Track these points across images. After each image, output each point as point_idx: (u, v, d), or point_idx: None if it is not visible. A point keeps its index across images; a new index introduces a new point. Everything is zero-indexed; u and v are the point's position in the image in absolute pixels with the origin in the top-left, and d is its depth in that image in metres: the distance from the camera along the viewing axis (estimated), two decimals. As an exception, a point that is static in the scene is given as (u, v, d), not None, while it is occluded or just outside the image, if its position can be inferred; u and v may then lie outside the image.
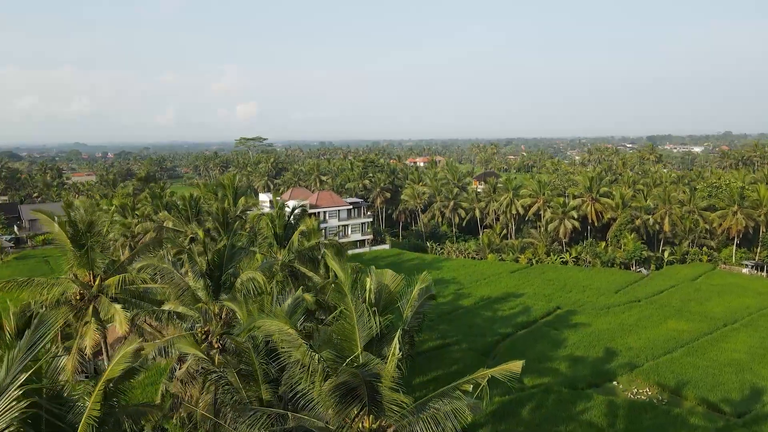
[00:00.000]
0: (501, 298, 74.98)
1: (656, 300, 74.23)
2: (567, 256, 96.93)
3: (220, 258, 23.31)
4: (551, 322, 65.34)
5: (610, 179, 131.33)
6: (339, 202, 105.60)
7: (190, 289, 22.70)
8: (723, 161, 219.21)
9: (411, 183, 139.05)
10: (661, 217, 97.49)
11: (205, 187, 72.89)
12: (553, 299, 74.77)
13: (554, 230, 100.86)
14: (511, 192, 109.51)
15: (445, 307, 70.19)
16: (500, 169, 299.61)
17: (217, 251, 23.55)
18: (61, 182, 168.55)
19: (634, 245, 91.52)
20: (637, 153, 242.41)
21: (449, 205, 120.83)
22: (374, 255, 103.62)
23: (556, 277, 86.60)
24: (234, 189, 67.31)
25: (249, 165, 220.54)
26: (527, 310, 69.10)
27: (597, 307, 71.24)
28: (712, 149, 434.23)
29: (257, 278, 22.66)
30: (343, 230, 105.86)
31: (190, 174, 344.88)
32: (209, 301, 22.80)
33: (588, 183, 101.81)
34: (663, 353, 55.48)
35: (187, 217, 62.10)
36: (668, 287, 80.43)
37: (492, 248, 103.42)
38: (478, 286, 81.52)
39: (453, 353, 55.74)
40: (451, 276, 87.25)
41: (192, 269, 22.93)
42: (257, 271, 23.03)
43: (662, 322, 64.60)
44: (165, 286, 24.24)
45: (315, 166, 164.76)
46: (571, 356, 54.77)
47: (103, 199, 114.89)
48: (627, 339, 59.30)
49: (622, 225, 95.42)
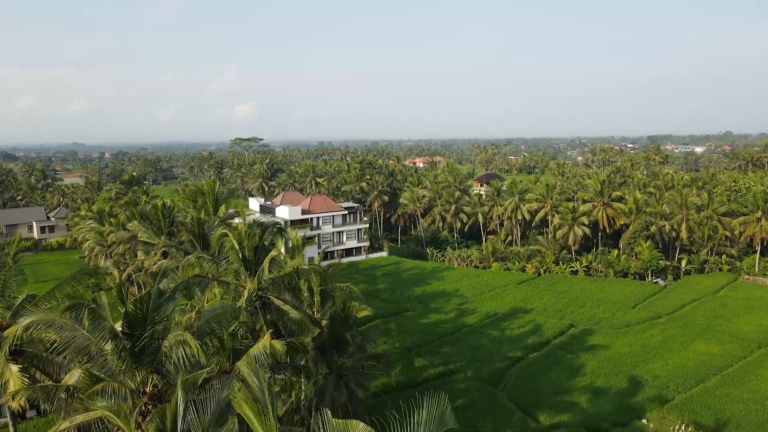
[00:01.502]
0: (508, 314, 68.48)
1: (679, 317, 67.74)
2: (577, 266, 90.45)
3: (142, 310, 16.98)
4: (565, 343, 58.85)
5: (618, 182, 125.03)
6: (333, 207, 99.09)
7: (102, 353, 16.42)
8: (731, 162, 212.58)
9: (410, 186, 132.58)
10: (677, 224, 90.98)
11: (184, 194, 66.37)
12: (565, 315, 68.33)
13: (563, 237, 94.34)
14: (517, 196, 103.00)
15: (447, 326, 63.73)
16: (501, 170, 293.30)
17: (139, 300, 17.22)
18: (46, 184, 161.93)
19: (649, 254, 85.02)
20: (643, 153, 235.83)
21: (450, 209, 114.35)
22: (371, 263, 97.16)
23: (567, 290, 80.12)
24: (214, 195, 60.81)
25: (244, 166, 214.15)
26: (538, 329, 62.64)
27: (614, 325, 64.76)
28: (714, 149, 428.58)
29: (189, 344, 16.28)
30: (338, 237, 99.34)
31: (186, 175, 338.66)
32: (125, 372, 16.51)
33: (599, 186, 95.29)
34: (695, 383, 49.05)
35: (159, 227, 55.61)
36: (690, 301, 73.95)
37: (497, 256, 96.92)
38: (482, 300, 75.06)
39: (457, 383, 49.30)
40: (454, 288, 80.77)
41: (97, 328, 16.58)
42: (188, 334, 16.63)
43: (689, 344, 58.13)
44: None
45: (310, 168, 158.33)
46: (591, 387, 48.31)
47: (85, 204, 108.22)
48: (652, 365, 52.83)
49: (637, 232, 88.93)
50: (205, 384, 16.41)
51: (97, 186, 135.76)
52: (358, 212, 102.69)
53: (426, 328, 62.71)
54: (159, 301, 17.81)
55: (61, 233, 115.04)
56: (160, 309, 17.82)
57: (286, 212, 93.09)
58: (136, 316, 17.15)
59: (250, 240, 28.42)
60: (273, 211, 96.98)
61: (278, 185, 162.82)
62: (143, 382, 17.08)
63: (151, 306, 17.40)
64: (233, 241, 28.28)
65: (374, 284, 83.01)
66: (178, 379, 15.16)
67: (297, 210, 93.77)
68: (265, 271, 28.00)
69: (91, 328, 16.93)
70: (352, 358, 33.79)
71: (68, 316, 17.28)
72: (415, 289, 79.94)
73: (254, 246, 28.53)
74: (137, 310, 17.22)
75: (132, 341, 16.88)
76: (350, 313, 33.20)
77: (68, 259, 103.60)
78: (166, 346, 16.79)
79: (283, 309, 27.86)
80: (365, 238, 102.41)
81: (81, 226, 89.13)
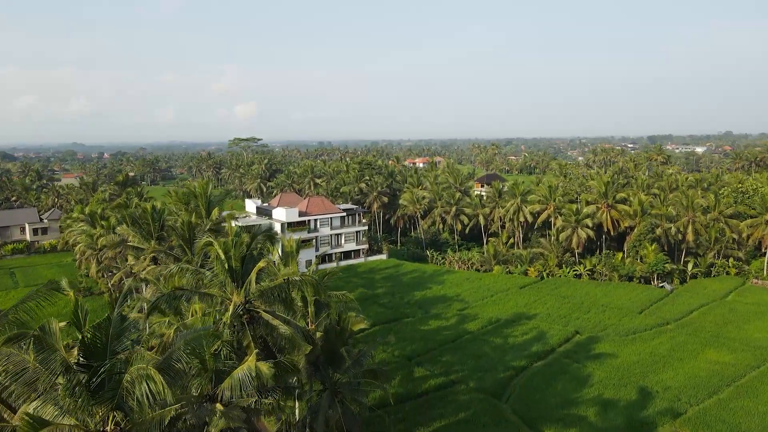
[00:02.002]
0: (511, 320, 66.33)
1: (687, 323, 65.59)
2: (581, 269, 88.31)
3: (101, 338, 14.79)
4: (571, 351, 56.70)
5: (621, 183, 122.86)
6: (331, 208, 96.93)
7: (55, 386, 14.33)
8: (735, 163, 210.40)
9: (410, 187, 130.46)
10: (683, 226, 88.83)
11: (176, 196, 64.23)
12: (570, 321, 66.18)
13: (566, 240, 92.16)
14: (519, 198, 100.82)
15: (448, 333, 61.58)
16: (502, 171, 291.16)
17: (97, 326, 15.01)
18: (41, 185, 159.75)
19: (655, 257, 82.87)
20: (644, 154, 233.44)
21: (451, 210, 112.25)
22: (370, 267, 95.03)
23: (571, 294, 77.98)
24: (206, 198, 58.60)
25: (242, 166, 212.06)
26: (542, 336, 60.49)
27: (621, 331, 62.60)
28: (715, 149, 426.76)
29: (154, 380, 14.09)
30: (336, 240, 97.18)
31: (185, 175, 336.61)
32: (81, 410, 14.39)
33: (603, 188, 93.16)
34: (707, 394, 46.90)
35: (149, 231, 53.45)
36: (698, 306, 71.80)
37: (498, 259, 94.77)
38: (484, 305, 72.91)
39: (459, 394, 47.15)
40: (455, 292, 78.63)
41: (47, 360, 14.38)
42: (152, 369, 14.44)
43: (699, 352, 55.99)
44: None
45: (309, 169, 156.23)
46: (599, 399, 46.17)
47: (78, 205, 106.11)
48: (662, 375, 50.70)
49: (642, 234, 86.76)
50: (176, 421, 14.30)
51: (91, 187, 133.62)
52: (356, 214, 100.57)
53: (426, 336, 60.57)
54: (120, 327, 15.68)
55: (55, 235, 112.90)
56: (122, 337, 15.69)
57: (283, 214, 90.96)
58: (95, 346, 15.03)
59: (236, 249, 26.28)
60: (270, 213, 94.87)
61: (277, 186, 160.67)
62: (104, 420, 14.95)
63: (111, 333, 15.27)
64: (218, 250, 26.13)
65: (373, 288, 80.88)
66: (143, 417, 13.01)
67: (294, 212, 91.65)
68: (252, 283, 25.85)
69: (40, 359, 14.76)
70: (348, 374, 31.69)
71: (15, 345, 15.13)
72: (415, 294, 77.79)
73: (242, 255, 26.39)
74: (95, 339, 15.08)
75: (89, 374, 14.74)
76: (346, 325, 31.09)
77: (61, 261, 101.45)
78: (128, 380, 14.65)
79: (272, 324, 25.71)
80: (364, 240, 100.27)
81: (73, 229, 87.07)
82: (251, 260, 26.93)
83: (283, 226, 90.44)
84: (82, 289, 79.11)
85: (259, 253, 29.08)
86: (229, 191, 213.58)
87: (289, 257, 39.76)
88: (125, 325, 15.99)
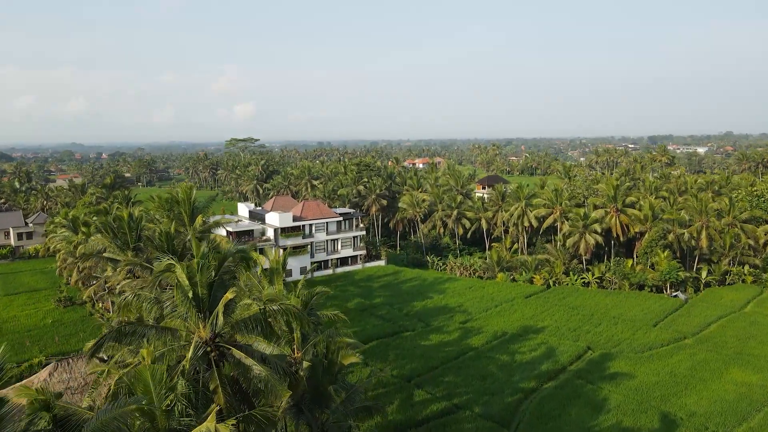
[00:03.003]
0: (518, 334, 62.04)
1: (707, 338, 61.29)
2: (589, 277, 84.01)
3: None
4: (584, 371, 52.39)
5: (628, 185, 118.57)
6: (327, 213, 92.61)
7: None
8: (742, 164, 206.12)
9: (409, 189, 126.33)
10: (697, 231, 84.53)
11: (158, 201, 59.85)
12: (580, 336, 61.91)
13: (573, 245, 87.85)
14: (524, 201, 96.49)
15: (450, 349, 57.27)
16: (503, 172, 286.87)
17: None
18: (30, 187, 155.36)
19: (668, 264, 78.57)
20: (649, 155, 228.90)
21: (452, 214, 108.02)
22: (368, 274, 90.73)
23: (580, 304, 73.74)
24: (190, 204, 54.21)
25: (238, 167, 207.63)
26: (552, 353, 56.19)
27: (636, 347, 58.31)
28: (717, 150, 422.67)
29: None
30: (332, 245, 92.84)
31: (182, 176, 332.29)
32: None
33: (612, 191, 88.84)
34: (737, 421, 42.63)
35: (125, 241, 49.14)
36: (716, 318, 67.51)
37: (502, 266, 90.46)
38: (489, 317, 68.63)
39: (463, 422, 42.85)
40: (457, 302, 74.35)
41: None
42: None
43: (723, 372, 51.69)
44: None
45: (306, 170, 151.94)
46: (618, 427, 41.91)
47: (64, 209, 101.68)
48: (685, 398, 46.42)
49: (654, 241, 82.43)
50: None
51: (80, 189, 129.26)
52: (354, 218, 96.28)
53: (427, 352, 56.27)
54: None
55: (40, 240, 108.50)
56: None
57: (276, 219, 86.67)
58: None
59: (203, 274, 22.01)
60: (263, 218, 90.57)
61: (273, 188, 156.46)
62: None
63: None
64: (180, 276, 21.85)
65: (370, 298, 76.60)
66: None
67: (288, 217, 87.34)
68: (220, 316, 21.61)
69: None
70: (338, 413, 27.42)
71: None
72: (415, 304, 73.51)
73: (209, 282, 22.13)
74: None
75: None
76: (335, 358, 26.89)
77: (45, 268, 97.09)
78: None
79: (245, 363, 21.46)
80: (361, 246, 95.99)
81: (55, 234, 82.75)
82: (221, 287, 22.67)
83: (276, 232, 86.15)
84: (62, 298, 74.80)
85: (231, 277, 24.80)
86: (213, 197, 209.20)
87: (275, 274, 35.45)
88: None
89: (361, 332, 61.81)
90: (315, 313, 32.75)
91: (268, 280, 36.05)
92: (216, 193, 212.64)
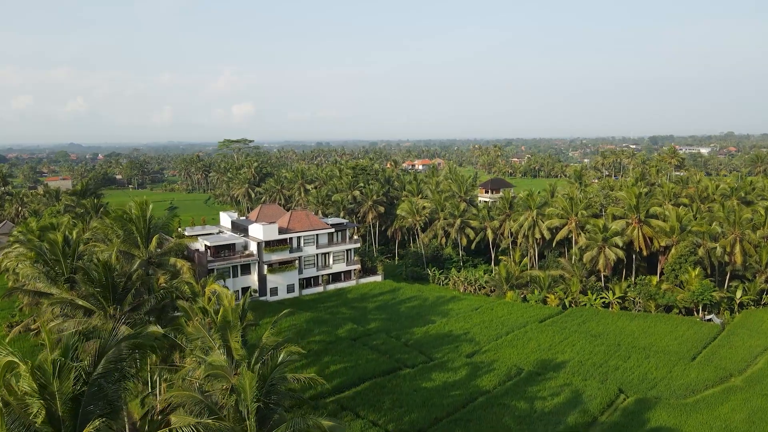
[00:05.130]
0: (535, 372, 53.00)
1: (757, 377, 52.26)
2: (610, 296, 75.07)
3: None
4: (619, 425, 43.35)
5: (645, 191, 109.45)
6: (317, 224, 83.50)
7: None
8: (756, 166, 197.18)
9: (409, 195, 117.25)
10: (730, 245, 75.60)
11: (114, 217, 50.68)
12: (608, 374, 52.91)
13: (591, 260, 78.74)
14: (535, 210, 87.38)
15: (456, 393, 48.18)
16: (505, 174, 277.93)
17: None
18: (6, 192, 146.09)
19: (700, 284, 69.67)
20: (657, 156, 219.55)
21: (455, 223, 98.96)
22: (362, 292, 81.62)
23: (603, 331, 64.78)
24: (145, 222, 45.25)
25: (230, 170, 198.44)
26: (578, 399, 47.18)
27: (676, 390, 49.34)
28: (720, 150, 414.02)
29: None
30: (323, 260, 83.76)
31: (175, 178, 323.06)
32: None
33: (634, 200, 79.79)
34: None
35: (60, 271, 40.08)
36: (762, 350, 58.54)
37: (511, 283, 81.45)
38: (499, 348, 59.61)
39: (476, 505, 33.78)
40: (462, 328, 65.33)
41: None
42: None
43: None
44: None
45: (300, 173, 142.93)
46: None
47: (31, 218, 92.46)
48: (749, 467, 37.45)
49: (683, 256, 73.46)
50: None
51: (54, 195, 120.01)
52: (347, 229, 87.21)
53: (429, 398, 47.18)
54: None
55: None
56: None
57: (260, 232, 77.62)
58: None
59: (63, 380, 13.07)
60: (246, 230, 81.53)
61: (265, 192, 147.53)
62: None
63: None
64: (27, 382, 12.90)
65: (364, 323, 67.55)
66: None
67: (273, 229, 78.28)
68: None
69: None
70: None
71: None
72: (415, 331, 64.49)
73: (73, 395, 13.18)
74: None
75: None
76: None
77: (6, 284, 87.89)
78: None
79: None
80: (356, 260, 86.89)
81: (9, 250, 73.66)
82: (93, 400, 13.70)
83: (260, 246, 77.10)
84: (13, 323, 65.71)
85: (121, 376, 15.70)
86: (218, 196, 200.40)
87: (228, 330, 26.52)
88: None
89: (352, 369, 52.92)
90: (278, 390, 23.80)
91: (220, 336, 27.05)
92: (217, 194, 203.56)
